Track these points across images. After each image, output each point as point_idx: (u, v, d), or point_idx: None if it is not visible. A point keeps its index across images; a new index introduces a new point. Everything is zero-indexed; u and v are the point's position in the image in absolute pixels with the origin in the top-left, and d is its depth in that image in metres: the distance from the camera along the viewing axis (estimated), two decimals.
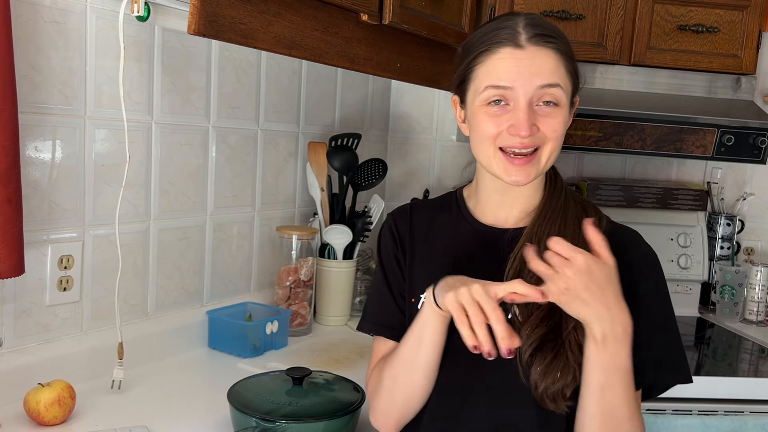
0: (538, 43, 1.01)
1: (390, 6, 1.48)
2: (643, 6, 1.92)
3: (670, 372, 1.06)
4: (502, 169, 1.04)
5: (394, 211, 1.23)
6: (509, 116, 1.02)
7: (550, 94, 1.01)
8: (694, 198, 2.26)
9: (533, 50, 1.01)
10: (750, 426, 1.65)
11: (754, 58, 1.97)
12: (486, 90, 1.03)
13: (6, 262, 1.13)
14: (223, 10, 1.19)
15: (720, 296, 2.21)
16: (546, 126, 1.02)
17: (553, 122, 1.02)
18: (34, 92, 1.24)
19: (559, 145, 1.04)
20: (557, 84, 1.01)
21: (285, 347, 1.67)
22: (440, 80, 1.87)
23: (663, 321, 1.07)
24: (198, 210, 1.63)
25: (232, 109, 1.69)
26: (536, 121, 1.01)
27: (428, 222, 1.18)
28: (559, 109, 1.02)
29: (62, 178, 1.31)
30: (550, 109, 1.02)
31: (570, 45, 1.06)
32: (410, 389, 1.07)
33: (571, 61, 1.04)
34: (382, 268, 1.19)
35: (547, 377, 0.98)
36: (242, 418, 1.11)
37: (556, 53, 1.02)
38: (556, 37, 1.03)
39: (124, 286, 1.45)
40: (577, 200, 1.12)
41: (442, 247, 1.15)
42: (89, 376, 1.34)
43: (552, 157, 1.05)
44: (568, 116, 1.06)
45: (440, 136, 2.36)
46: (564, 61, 1.03)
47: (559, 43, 1.03)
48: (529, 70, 1.00)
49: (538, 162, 1.04)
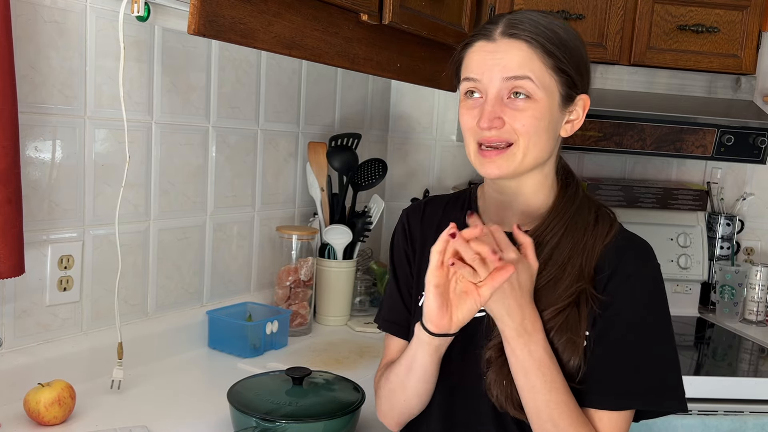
0: (509, 36, 0.99)
1: (390, 6, 1.48)
2: (643, 6, 1.92)
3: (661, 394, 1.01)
4: (478, 162, 1.03)
5: (408, 206, 1.23)
6: (479, 109, 1.01)
7: (518, 87, 0.99)
8: (694, 198, 2.26)
9: (504, 43, 1.00)
10: (750, 426, 1.65)
11: (754, 58, 1.97)
12: (462, 83, 1.05)
13: (6, 262, 1.13)
14: (223, 10, 1.19)
15: (720, 296, 2.21)
16: (514, 120, 0.99)
17: (522, 116, 0.99)
18: (34, 92, 1.24)
19: (538, 140, 1.01)
20: (525, 76, 0.98)
21: (285, 347, 1.67)
22: (440, 80, 1.87)
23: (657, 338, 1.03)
24: (198, 210, 1.63)
25: (232, 109, 1.69)
26: (503, 114, 0.99)
27: (439, 219, 1.17)
28: (531, 103, 0.99)
29: (62, 178, 1.31)
30: (521, 103, 0.99)
31: (565, 41, 1.01)
32: (406, 405, 1.08)
33: (554, 57, 0.99)
34: (392, 265, 1.20)
35: (498, 384, 1.00)
36: (242, 418, 1.11)
37: (528, 46, 0.99)
38: (533, 31, 0.99)
39: (124, 286, 1.45)
40: (591, 208, 1.08)
41: None
42: (89, 376, 1.34)
43: (532, 152, 1.01)
44: (549, 112, 1.01)
45: (440, 136, 2.36)
46: (540, 55, 0.99)
47: (537, 37, 0.99)
48: (496, 62, 0.99)
49: (513, 156, 1.01)
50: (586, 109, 1.06)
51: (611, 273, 1.02)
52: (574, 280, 1.00)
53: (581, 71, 1.04)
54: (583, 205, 1.08)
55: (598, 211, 1.08)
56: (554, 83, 1.01)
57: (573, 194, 1.09)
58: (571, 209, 1.06)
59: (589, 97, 1.07)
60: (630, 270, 1.02)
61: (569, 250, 1.03)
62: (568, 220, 1.05)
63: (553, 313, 0.99)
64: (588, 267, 1.02)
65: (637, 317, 1.01)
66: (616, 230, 1.06)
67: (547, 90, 1.00)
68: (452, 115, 2.33)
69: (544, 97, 1.00)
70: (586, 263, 1.02)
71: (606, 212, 1.09)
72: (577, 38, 1.04)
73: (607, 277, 1.02)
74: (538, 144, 1.01)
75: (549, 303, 1.00)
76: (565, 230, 1.04)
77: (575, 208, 1.07)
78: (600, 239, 1.04)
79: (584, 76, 1.05)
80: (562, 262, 1.02)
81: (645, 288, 1.03)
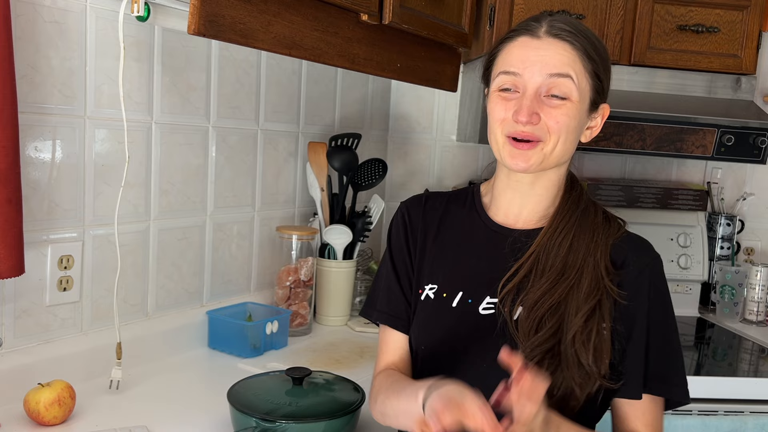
0: (554, 35, 1.01)
1: (390, 6, 1.48)
2: (643, 6, 1.92)
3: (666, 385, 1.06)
4: (507, 153, 1.04)
5: (408, 199, 1.23)
6: (515, 102, 1.02)
7: (558, 86, 1.00)
8: (694, 198, 2.26)
9: (548, 41, 1.01)
10: (750, 426, 1.65)
11: (754, 58, 1.97)
12: (498, 76, 1.05)
13: (6, 262, 1.13)
14: (222, 10, 1.19)
15: (720, 296, 2.21)
16: (549, 117, 1.01)
17: (557, 113, 1.01)
18: (34, 92, 1.24)
19: (566, 139, 1.03)
20: (567, 75, 1.00)
21: (285, 347, 1.67)
22: (440, 80, 1.87)
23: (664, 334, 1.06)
24: (198, 210, 1.63)
25: (232, 109, 1.69)
26: (540, 110, 1.00)
27: (441, 213, 1.17)
28: (567, 103, 1.01)
29: (62, 178, 1.31)
30: (558, 102, 1.01)
31: (599, 49, 1.04)
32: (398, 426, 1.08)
33: (593, 62, 1.03)
34: (390, 256, 1.19)
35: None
36: (242, 418, 1.11)
37: (572, 48, 1.01)
38: (577, 34, 1.02)
39: (124, 286, 1.45)
40: (598, 209, 1.11)
41: (451, 240, 1.15)
42: (89, 376, 1.34)
43: (558, 151, 1.03)
44: (579, 115, 1.04)
45: (440, 136, 2.36)
46: (582, 58, 1.02)
47: (580, 40, 1.02)
48: (540, 58, 1.01)
49: (542, 152, 1.03)
50: (604, 118, 1.09)
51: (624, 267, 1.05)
52: (593, 279, 1.02)
53: (609, 80, 1.07)
54: (588, 206, 1.11)
55: (606, 213, 1.11)
56: (588, 87, 1.03)
57: (578, 196, 1.11)
58: (577, 211, 1.09)
59: (609, 107, 1.10)
60: (642, 263, 1.05)
61: (583, 250, 1.05)
62: (576, 220, 1.07)
63: (582, 318, 1.00)
64: (604, 263, 1.04)
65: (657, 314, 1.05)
66: (624, 227, 1.10)
67: (582, 92, 1.03)
68: (452, 115, 2.33)
69: (579, 98, 1.02)
70: (602, 259, 1.04)
71: (612, 215, 1.12)
72: (606, 49, 1.08)
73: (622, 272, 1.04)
74: (566, 144, 1.03)
75: (577, 308, 1.01)
76: (576, 231, 1.06)
77: (581, 210, 1.09)
78: (611, 236, 1.07)
79: (608, 86, 1.08)
80: (579, 265, 1.03)
81: (658, 282, 1.06)
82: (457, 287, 1.10)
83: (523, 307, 1.03)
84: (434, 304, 1.11)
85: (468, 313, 1.07)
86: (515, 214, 1.11)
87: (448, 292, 1.10)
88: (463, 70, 2.14)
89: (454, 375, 1.06)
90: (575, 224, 1.07)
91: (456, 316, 1.08)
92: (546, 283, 1.03)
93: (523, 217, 1.11)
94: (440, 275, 1.12)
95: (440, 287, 1.11)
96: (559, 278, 1.03)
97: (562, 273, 1.03)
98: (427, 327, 1.11)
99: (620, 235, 1.08)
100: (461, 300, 1.09)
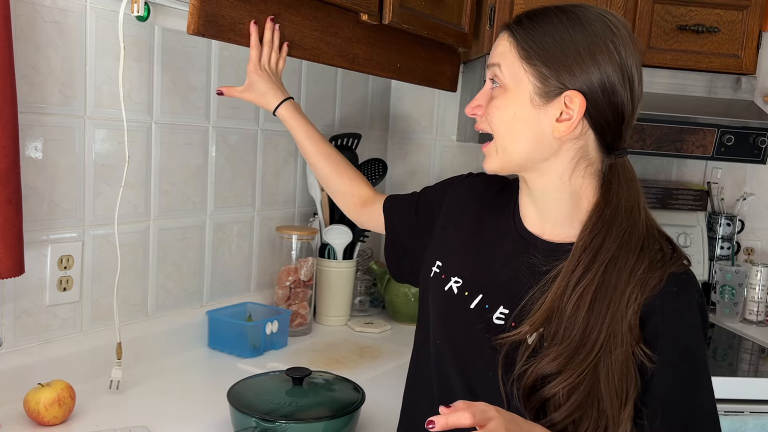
0: (504, 28, 1.01)
1: (390, 6, 1.48)
2: (643, 6, 1.92)
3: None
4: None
5: (478, 174, 1.19)
6: None
7: (493, 75, 0.99)
8: (694, 198, 2.26)
9: (501, 33, 1.02)
10: (750, 426, 1.65)
11: (754, 58, 1.97)
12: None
13: (6, 262, 1.13)
14: (222, 10, 1.19)
15: (720, 296, 2.21)
16: (488, 108, 1.00)
17: (492, 102, 0.99)
18: (34, 92, 1.24)
19: (516, 131, 0.96)
20: (496, 63, 0.99)
21: (285, 347, 1.67)
22: (440, 80, 1.87)
23: (681, 391, 0.94)
24: (198, 210, 1.63)
25: (231, 109, 1.69)
26: (484, 102, 1.00)
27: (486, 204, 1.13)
28: (500, 91, 0.98)
29: (62, 178, 1.31)
30: (495, 91, 1.00)
31: (553, 35, 0.95)
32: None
33: (528, 50, 0.95)
34: (426, 191, 1.25)
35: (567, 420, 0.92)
36: (242, 418, 1.11)
37: (509, 36, 0.98)
38: (523, 22, 0.98)
39: (124, 286, 1.45)
40: (650, 239, 0.95)
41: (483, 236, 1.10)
42: (89, 376, 1.34)
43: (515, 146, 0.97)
44: (517, 104, 0.96)
45: (440, 136, 2.36)
46: (517, 46, 0.96)
47: (522, 30, 0.97)
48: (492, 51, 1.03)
49: (492, 148, 1.00)
50: (582, 108, 0.93)
51: (647, 321, 0.91)
52: (625, 355, 0.88)
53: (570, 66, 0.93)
54: (630, 229, 0.93)
55: (661, 240, 0.95)
56: (526, 76, 0.96)
57: (612, 214, 0.94)
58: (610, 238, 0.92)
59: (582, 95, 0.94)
60: (666, 310, 0.90)
61: (610, 309, 0.90)
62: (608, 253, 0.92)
63: (628, 419, 0.89)
64: (633, 326, 0.89)
65: (667, 364, 0.92)
66: (677, 263, 0.93)
67: (517, 80, 0.96)
68: (452, 115, 2.33)
69: (513, 87, 0.97)
70: (632, 322, 0.89)
71: (674, 245, 0.95)
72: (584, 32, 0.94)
73: (649, 325, 0.91)
74: (519, 136, 0.97)
75: (611, 400, 0.89)
76: (604, 275, 0.91)
77: (618, 239, 0.92)
78: (647, 291, 0.90)
79: (575, 72, 0.93)
80: (602, 338, 0.89)
81: (678, 328, 0.92)
82: (478, 289, 1.05)
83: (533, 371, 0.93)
84: (456, 301, 1.06)
85: (483, 319, 1.03)
86: (536, 223, 1.04)
87: (469, 292, 1.06)
88: (463, 70, 2.14)
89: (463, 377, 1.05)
90: (606, 263, 0.91)
91: (472, 318, 1.04)
92: (560, 359, 0.90)
93: (548, 228, 1.02)
94: (466, 271, 1.07)
95: (464, 284, 1.07)
96: (574, 354, 0.89)
97: (581, 343, 0.89)
98: (446, 324, 1.08)
99: (659, 288, 0.90)
100: (479, 303, 1.04)
